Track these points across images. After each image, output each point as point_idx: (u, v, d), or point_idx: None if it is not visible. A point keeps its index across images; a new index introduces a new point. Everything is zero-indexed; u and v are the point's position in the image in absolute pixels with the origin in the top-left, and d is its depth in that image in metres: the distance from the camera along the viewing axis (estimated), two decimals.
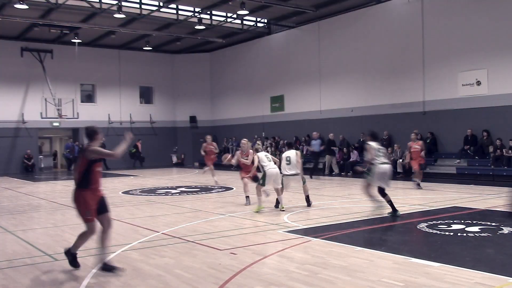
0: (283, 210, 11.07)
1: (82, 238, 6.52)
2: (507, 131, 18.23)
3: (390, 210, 10.22)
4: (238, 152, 13.16)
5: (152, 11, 25.05)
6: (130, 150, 30.47)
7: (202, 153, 18.73)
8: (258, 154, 11.71)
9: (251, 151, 12.52)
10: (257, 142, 21.56)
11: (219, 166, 21.94)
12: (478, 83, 19.31)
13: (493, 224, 8.93)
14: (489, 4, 19.01)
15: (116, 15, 23.66)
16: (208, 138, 18.89)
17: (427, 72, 21.00)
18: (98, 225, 6.42)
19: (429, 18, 20.87)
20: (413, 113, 21.43)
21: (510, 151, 17.61)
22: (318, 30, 26.06)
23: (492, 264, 6.30)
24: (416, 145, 15.74)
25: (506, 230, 8.37)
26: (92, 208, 6.31)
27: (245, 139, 13.05)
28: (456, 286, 5.35)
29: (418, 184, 15.42)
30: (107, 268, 6.29)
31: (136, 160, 31.62)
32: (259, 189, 11.39)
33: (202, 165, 33.79)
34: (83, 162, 6.34)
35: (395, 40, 22.28)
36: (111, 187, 18.35)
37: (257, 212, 11.02)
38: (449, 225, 8.98)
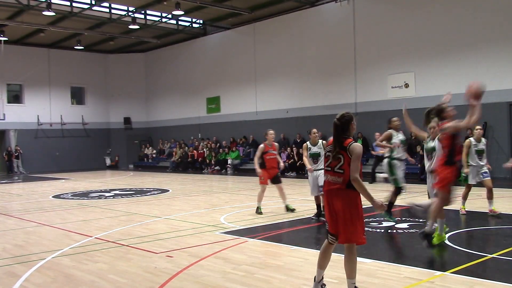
0: None
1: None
2: None
3: None
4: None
5: (84, 9, 24.33)
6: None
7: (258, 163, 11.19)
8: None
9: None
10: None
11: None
12: (406, 85, 20.18)
13: (421, 220, 9.34)
14: (416, 11, 19.88)
15: (46, 13, 22.77)
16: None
17: (358, 74, 21.67)
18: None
19: (360, 22, 21.55)
20: None
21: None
22: (254, 31, 26.26)
23: (420, 259, 6.60)
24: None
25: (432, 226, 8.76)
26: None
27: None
28: (387, 281, 5.55)
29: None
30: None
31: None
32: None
33: (137, 167, 33.32)
34: None
35: (328, 43, 22.83)
36: (41, 191, 17.65)
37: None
38: (380, 222, 9.30)
